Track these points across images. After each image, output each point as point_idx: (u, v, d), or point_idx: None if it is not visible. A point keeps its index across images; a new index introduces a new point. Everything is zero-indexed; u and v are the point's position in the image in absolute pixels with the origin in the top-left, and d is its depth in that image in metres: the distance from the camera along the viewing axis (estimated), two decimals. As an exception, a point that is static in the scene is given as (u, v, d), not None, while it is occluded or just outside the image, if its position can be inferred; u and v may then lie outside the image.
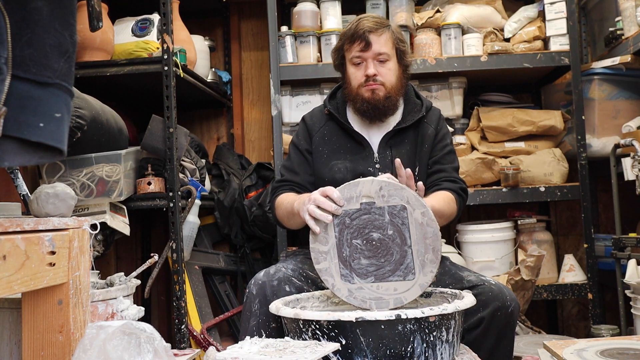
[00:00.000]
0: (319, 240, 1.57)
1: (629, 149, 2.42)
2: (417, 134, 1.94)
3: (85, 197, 2.21)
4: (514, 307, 1.67)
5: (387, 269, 1.54)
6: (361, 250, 1.55)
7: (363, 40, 1.86)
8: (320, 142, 1.96)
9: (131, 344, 1.08)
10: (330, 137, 1.96)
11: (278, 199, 1.90)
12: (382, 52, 1.86)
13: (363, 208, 1.54)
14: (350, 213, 1.55)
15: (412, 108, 1.97)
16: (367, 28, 1.85)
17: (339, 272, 1.55)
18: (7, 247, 1.03)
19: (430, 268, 1.51)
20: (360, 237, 1.55)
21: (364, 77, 1.88)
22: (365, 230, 1.55)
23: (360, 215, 1.55)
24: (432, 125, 1.97)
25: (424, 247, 1.51)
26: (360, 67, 1.89)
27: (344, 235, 1.56)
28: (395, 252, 1.53)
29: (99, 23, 1.33)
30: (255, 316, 1.66)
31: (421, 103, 1.98)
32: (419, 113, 1.94)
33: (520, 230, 2.76)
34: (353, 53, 1.89)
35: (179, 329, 2.32)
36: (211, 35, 3.21)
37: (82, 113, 2.06)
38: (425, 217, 1.51)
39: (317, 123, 1.99)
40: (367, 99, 1.89)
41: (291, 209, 1.77)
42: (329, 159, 1.93)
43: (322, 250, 1.57)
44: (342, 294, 1.56)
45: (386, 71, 1.88)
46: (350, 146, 1.93)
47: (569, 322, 3.16)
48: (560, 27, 2.67)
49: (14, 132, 0.96)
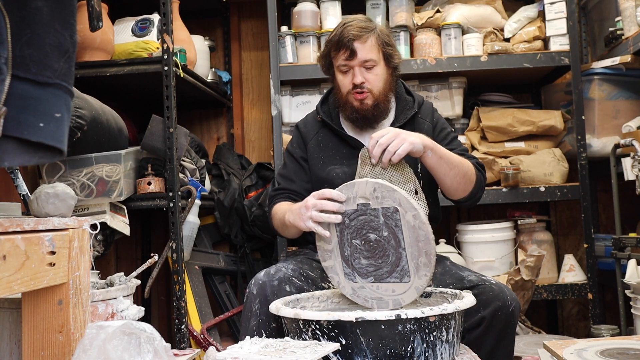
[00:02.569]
0: (323, 239, 1.61)
1: (629, 149, 2.42)
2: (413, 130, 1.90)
3: (85, 197, 2.21)
4: (514, 307, 1.67)
5: (385, 270, 1.55)
6: (360, 251, 1.57)
7: (348, 48, 1.82)
8: (316, 148, 1.95)
9: (131, 344, 1.08)
10: (325, 144, 1.95)
11: (274, 208, 1.92)
12: (367, 59, 1.83)
13: (359, 209, 1.55)
14: (348, 213, 1.57)
15: (404, 106, 1.96)
16: (351, 36, 1.81)
17: (342, 271, 1.59)
18: (7, 247, 1.03)
19: (424, 272, 1.50)
20: (359, 237, 1.56)
21: (352, 85, 1.86)
22: (363, 231, 1.56)
23: (357, 216, 1.56)
24: (427, 120, 1.95)
25: (417, 250, 1.50)
26: (347, 74, 1.87)
27: (345, 234, 1.58)
28: (391, 254, 1.53)
29: (99, 23, 1.33)
30: (256, 316, 1.66)
31: (413, 99, 1.97)
32: (411, 110, 1.93)
33: (520, 230, 2.76)
34: (339, 61, 1.86)
35: (179, 329, 2.32)
36: (211, 35, 3.21)
37: (82, 113, 2.06)
38: (416, 220, 1.48)
39: (311, 130, 1.99)
40: (356, 108, 1.87)
41: (284, 220, 1.79)
42: (326, 165, 1.92)
43: (327, 249, 1.61)
44: (346, 292, 1.60)
45: (373, 77, 1.85)
46: (345, 151, 1.92)
47: (569, 322, 3.16)
48: (560, 27, 2.67)
49: (14, 132, 0.96)
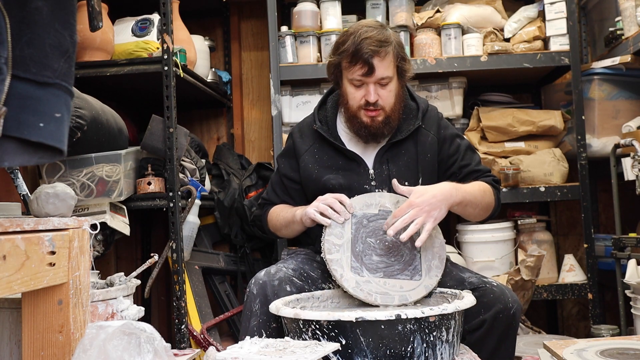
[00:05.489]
0: (335, 233, 1.67)
1: (629, 149, 2.42)
2: (415, 143, 1.85)
3: (85, 197, 2.21)
4: (516, 309, 1.66)
5: (396, 267, 1.65)
6: (374, 248, 1.66)
7: (366, 64, 1.71)
8: (310, 159, 1.88)
9: (131, 344, 1.08)
10: (322, 155, 1.87)
11: (271, 211, 1.98)
12: (384, 76, 1.73)
13: (380, 213, 1.70)
14: (368, 216, 1.69)
15: (408, 114, 1.87)
16: (370, 52, 1.69)
17: (349, 265, 1.63)
18: (7, 247, 1.03)
19: (436, 272, 1.66)
20: (374, 236, 1.68)
21: (364, 101, 1.76)
22: (381, 232, 1.68)
23: (377, 219, 1.70)
24: (431, 132, 1.87)
25: (432, 254, 1.67)
26: (360, 89, 1.77)
27: (360, 233, 1.68)
28: (405, 254, 1.66)
29: (99, 23, 1.33)
30: (256, 316, 1.66)
31: (417, 107, 1.88)
32: (414, 120, 1.85)
33: (520, 230, 2.76)
34: (354, 75, 1.75)
35: (179, 329, 2.32)
36: (211, 35, 3.20)
37: (82, 113, 2.06)
38: (434, 229, 1.67)
39: (307, 140, 1.91)
40: (366, 124, 1.79)
41: (292, 218, 1.84)
42: (321, 175, 1.85)
43: (337, 243, 1.66)
44: (349, 285, 1.61)
45: (387, 94, 1.76)
46: (342, 163, 1.85)
47: (569, 322, 3.16)
48: (560, 27, 2.67)
49: (14, 132, 0.96)
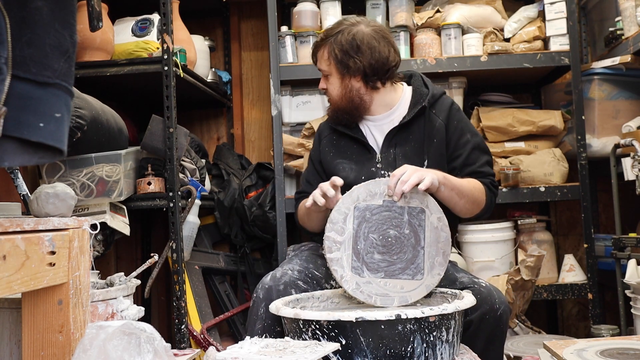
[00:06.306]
0: (336, 229, 1.62)
1: (629, 149, 2.42)
2: (423, 126, 1.90)
3: (85, 197, 2.21)
4: (503, 311, 1.65)
5: (398, 267, 1.61)
6: (376, 245, 1.62)
7: (314, 57, 1.98)
8: (328, 144, 2.04)
9: (131, 344, 1.08)
10: (339, 141, 2.03)
11: (299, 206, 2.04)
12: (322, 69, 1.96)
13: (385, 205, 1.63)
14: (372, 208, 1.63)
15: (418, 99, 1.93)
16: (313, 47, 1.97)
17: (350, 264, 1.60)
18: (7, 247, 1.03)
19: (438, 270, 1.61)
20: (377, 232, 1.62)
21: None
22: (384, 226, 1.62)
23: (381, 212, 1.63)
24: (440, 117, 1.92)
25: (436, 250, 1.62)
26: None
27: (362, 228, 1.63)
28: (408, 252, 1.62)
29: (99, 23, 1.33)
30: (261, 320, 1.69)
31: (427, 92, 1.94)
32: (422, 103, 1.90)
33: (520, 230, 2.76)
34: None
35: (179, 329, 2.32)
36: (211, 35, 3.20)
37: (82, 113, 2.06)
38: (440, 222, 1.63)
39: (326, 129, 2.09)
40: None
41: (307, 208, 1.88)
42: (335, 158, 2.00)
43: (337, 240, 1.62)
44: (349, 286, 1.59)
45: (330, 86, 1.95)
46: (355, 147, 1.98)
47: (569, 322, 3.16)
48: (560, 27, 2.66)
49: (14, 132, 0.96)
